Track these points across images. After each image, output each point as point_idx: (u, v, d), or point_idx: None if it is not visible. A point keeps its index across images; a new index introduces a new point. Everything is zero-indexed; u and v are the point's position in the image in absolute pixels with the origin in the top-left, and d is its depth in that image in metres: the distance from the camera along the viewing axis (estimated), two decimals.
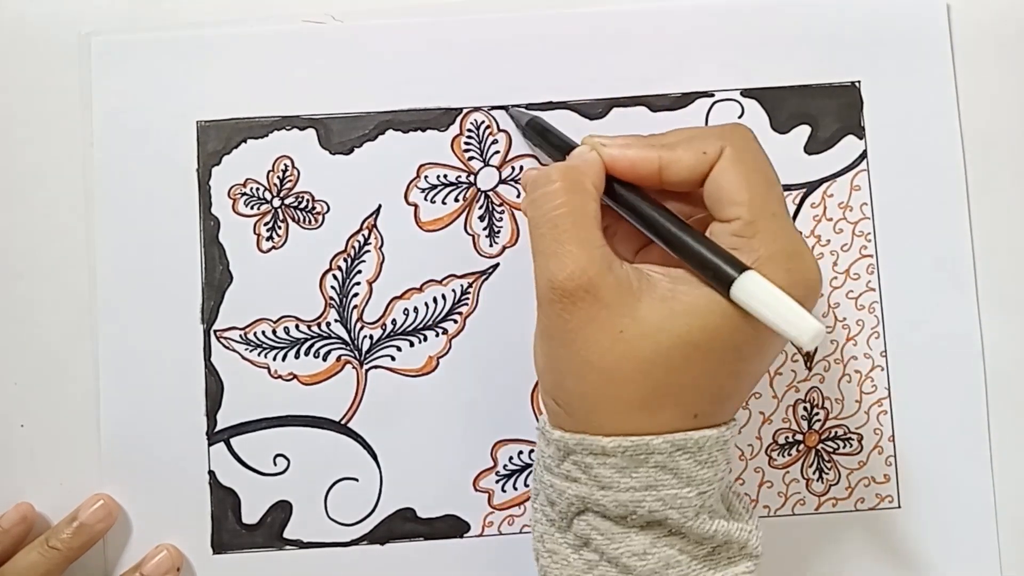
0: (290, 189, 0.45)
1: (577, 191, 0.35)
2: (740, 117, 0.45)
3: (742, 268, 0.32)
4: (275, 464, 0.44)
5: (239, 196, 0.45)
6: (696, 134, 0.36)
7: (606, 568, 0.34)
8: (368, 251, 0.44)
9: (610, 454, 0.34)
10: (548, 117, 0.45)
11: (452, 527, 0.44)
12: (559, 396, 0.35)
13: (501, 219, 0.45)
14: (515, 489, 0.44)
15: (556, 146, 0.41)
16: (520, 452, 0.44)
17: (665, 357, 0.33)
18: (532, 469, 0.39)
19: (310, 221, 0.44)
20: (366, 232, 0.44)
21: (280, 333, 0.44)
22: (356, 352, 0.44)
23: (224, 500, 0.44)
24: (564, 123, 0.45)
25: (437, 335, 0.44)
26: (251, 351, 0.44)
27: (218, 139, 0.45)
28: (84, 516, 0.42)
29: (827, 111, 0.45)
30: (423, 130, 0.45)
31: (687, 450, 0.34)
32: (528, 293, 0.44)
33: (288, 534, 0.44)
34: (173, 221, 0.44)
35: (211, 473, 0.44)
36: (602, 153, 0.37)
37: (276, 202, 0.45)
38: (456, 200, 0.45)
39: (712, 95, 0.45)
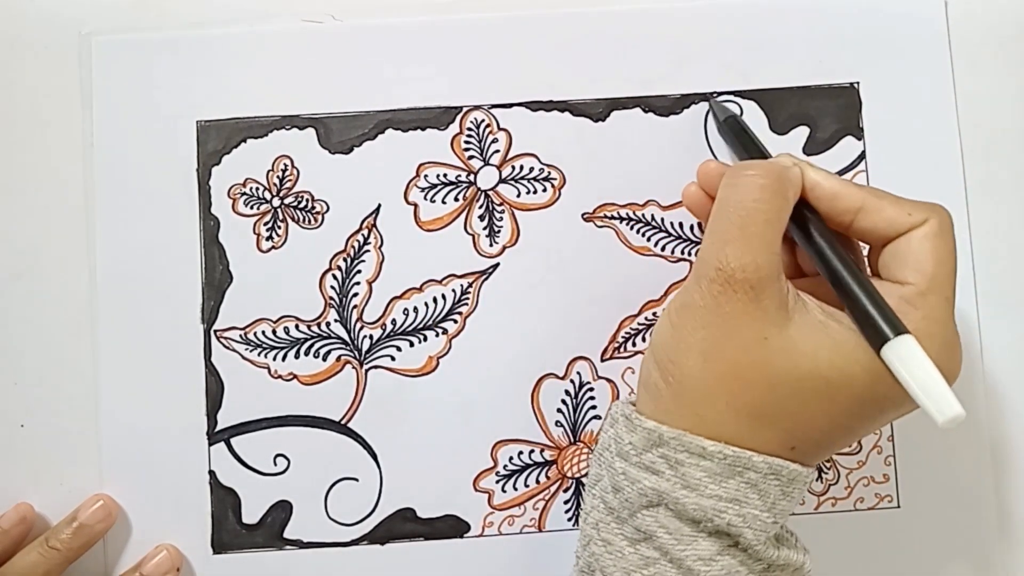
0: (290, 189, 0.45)
1: (780, 195, 0.35)
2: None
3: (901, 331, 0.33)
4: (275, 464, 0.44)
5: (239, 196, 0.45)
6: (901, 198, 0.36)
7: (665, 567, 0.34)
8: (368, 251, 0.44)
9: (708, 457, 0.34)
10: (548, 117, 0.45)
11: (452, 527, 0.44)
12: (673, 372, 0.35)
13: (501, 219, 0.45)
14: (515, 489, 0.44)
15: (749, 149, 0.41)
16: (520, 452, 0.44)
17: (796, 381, 0.33)
18: (595, 452, 0.39)
19: (310, 221, 0.45)
20: (366, 232, 0.45)
21: (280, 333, 0.44)
22: (356, 352, 0.44)
23: (224, 500, 0.44)
24: (564, 123, 0.45)
25: (437, 335, 0.44)
26: (251, 351, 0.44)
27: (218, 139, 0.45)
28: (84, 516, 0.42)
29: (826, 112, 0.45)
30: (423, 129, 0.45)
31: (780, 477, 0.34)
32: (527, 293, 0.44)
33: (288, 534, 0.44)
34: (173, 221, 0.44)
35: (211, 473, 0.44)
36: (805, 173, 0.37)
37: (276, 202, 0.45)
38: (456, 199, 0.45)
39: (711, 96, 0.45)
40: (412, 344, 0.44)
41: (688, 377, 0.35)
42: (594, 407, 0.44)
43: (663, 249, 0.45)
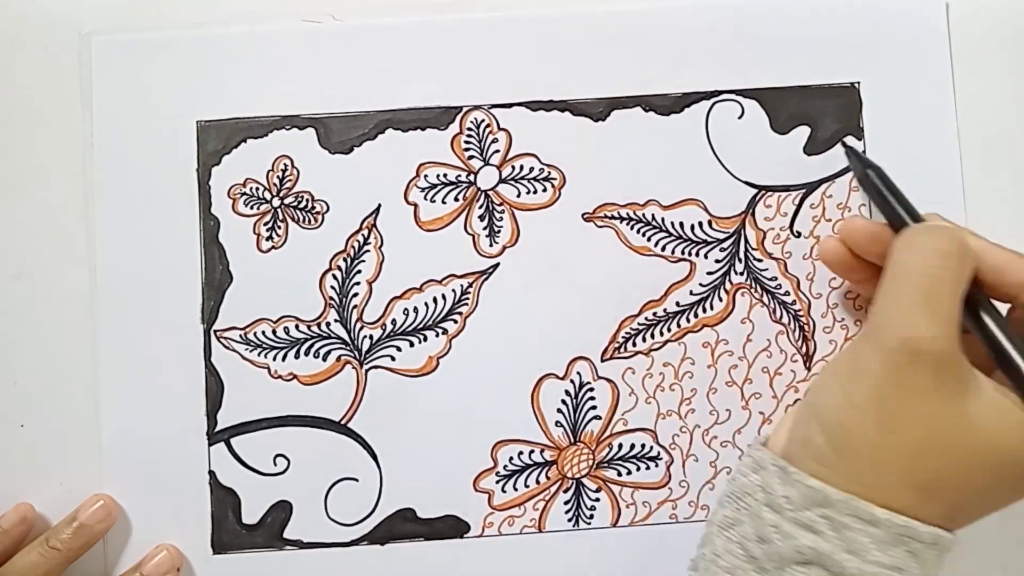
0: (290, 189, 0.45)
1: (964, 264, 0.35)
2: (740, 118, 0.45)
3: None
4: (275, 464, 0.44)
5: (239, 196, 0.45)
6: None
7: None
8: (368, 251, 0.44)
9: (877, 525, 0.33)
10: (548, 117, 0.45)
11: (452, 527, 0.44)
12: (842, 438, 0.34)
13: (501, 219, 0.45)
14: (515, 489, 0.44)
15: (892, 205, 0.40)
16: (520, 452, 0.44)
17: (972, 457, 0.33)
18: (731, 494, 0.37)
19: (310, 221, 0.45)
20: (366, 232, 0.45)
21: (280, 333, 0.44)
22: (356, 352, 0.44)
23: (224, 500, 0.44)
24: (564, 123, 0.45)
25: (437, 335, 0.44)
26: (251, 351, 0.44)
27: (218, 139, 0.45)
28: (84, 516, 0.42)
29: (826, 112, 0.45)
30: (423, 129, 0.45)
31: (939, 547, 0.34)
32: (527, 293, 0.44)
33: (288, 534, 0.44)
34: (173, 221, 0.44)
35: (211, 473, 0.44)
36: (969, 241, 0.36)
37: (276, 202, 0.45)
38: (456, 199, 0.45)
39: (711, 96, 0.45)
40: (412, 344, 0.44)
41: (861, 445, 0.34)
42: (594, 407, 0.44)
43: (663, 249, 0.45)
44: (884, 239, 0.39)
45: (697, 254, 0.45)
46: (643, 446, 0.44)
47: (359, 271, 0.44)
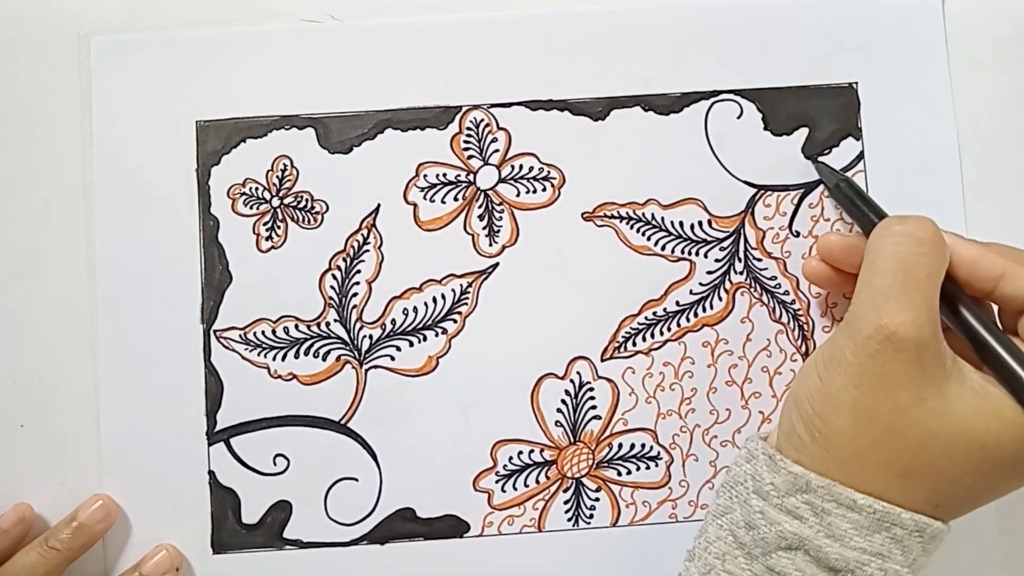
0: (289, 189, 0.45)
1: (941, 252, 0.35)
2: (739, 118, 0.45)
3: None
4: (275, 464, 0.44)
5: (238, 196, 0.45)
6: None
7: None
8: (367, 251, 0.45)
9: (857, 510, 0.33)
10: (547, 116, 0.45)
11: (452, 527, 0.44)
12: (820, 428, 0.35)
13: (501, 218, 0.45)
14: (515, 489, 0.44)
15: (869, 212, 0.41)
16: (520, 452, 0.44)
17: (950, 442, 0.33)
18: (725, 484, 0.38)
19: (309, 221, 0.45)
20: (365, 231, 0.45)
21: (280, 333, 0.44)
22: (356, 352, 0.44)
23: (224, 500, 0.44)
24: (564, 122, 0.45)
25: (437, 335, 0.44)
26: (251, 351, 0.44)
27: (217, 139, 0.45)
28: (83, 516, 0.42)
29: (825, 112, 0.45)
30: (422, 129, 0.45)
31: (924, 534, 0.34)
32: (527, 293, 0.44)
33: (288, 534, 0.44)
34: (173, 221, 0.44)
35: (211, 473, 0.44)
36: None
37: (275, 202, 0.45)
38: (455, 199, 0.45)
39: (711, 96, 0.45)
40: (412, 344, 0.44)
41: (837, 435, 0.34)
42: (594, 407, 0.44)
43: (663, 248, 0.45)
44: (860, 249, 0.39)
45: (697, 253, 0.45)
46: (643, 446, 0.44)
47: (359, 271, 0.44)
